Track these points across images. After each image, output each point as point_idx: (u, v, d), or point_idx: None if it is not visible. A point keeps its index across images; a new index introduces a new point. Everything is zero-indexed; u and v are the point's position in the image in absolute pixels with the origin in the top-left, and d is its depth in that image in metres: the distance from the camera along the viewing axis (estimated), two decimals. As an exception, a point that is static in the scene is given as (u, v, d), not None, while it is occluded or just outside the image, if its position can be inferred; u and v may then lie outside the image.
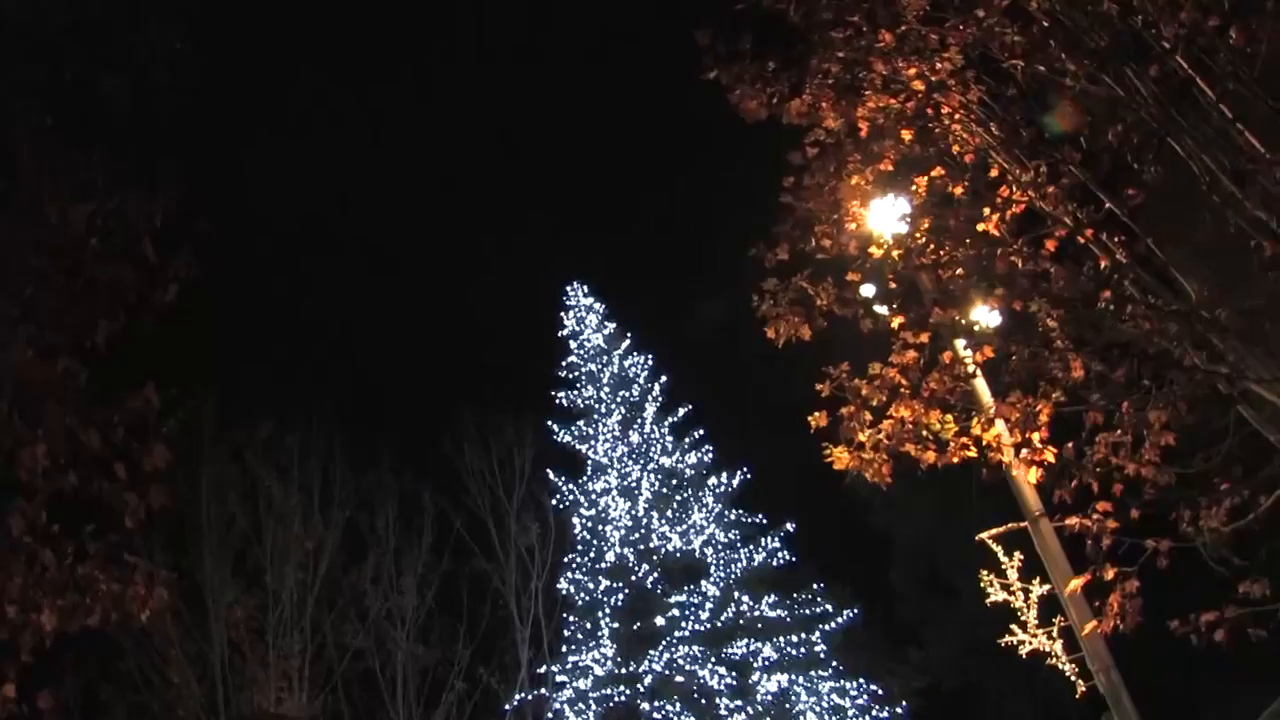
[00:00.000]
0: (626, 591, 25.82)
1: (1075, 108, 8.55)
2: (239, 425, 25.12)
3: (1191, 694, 23.02)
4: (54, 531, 7.97)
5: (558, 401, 29.01)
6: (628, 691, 24.73)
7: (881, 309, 9.69)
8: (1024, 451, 9.33)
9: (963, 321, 9.24)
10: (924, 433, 9.57)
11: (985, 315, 9.29)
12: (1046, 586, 14.35)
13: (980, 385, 11.30)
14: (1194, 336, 8.26)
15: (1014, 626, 14.65)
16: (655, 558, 25.90)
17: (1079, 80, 8.27)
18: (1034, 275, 8.68)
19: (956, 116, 8.94)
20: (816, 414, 9.73)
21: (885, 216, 9.73)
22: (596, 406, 28.75)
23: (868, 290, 9.71)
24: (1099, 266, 8.50)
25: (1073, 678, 13.83)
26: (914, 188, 9.49)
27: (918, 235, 9.27)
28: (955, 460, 9.67)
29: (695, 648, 24.39)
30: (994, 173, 9.13)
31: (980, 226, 8.88)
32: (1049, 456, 9.19)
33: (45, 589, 7.86)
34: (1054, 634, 14.10)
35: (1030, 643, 14.41)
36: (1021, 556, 15.02)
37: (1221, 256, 8.46)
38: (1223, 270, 8.51)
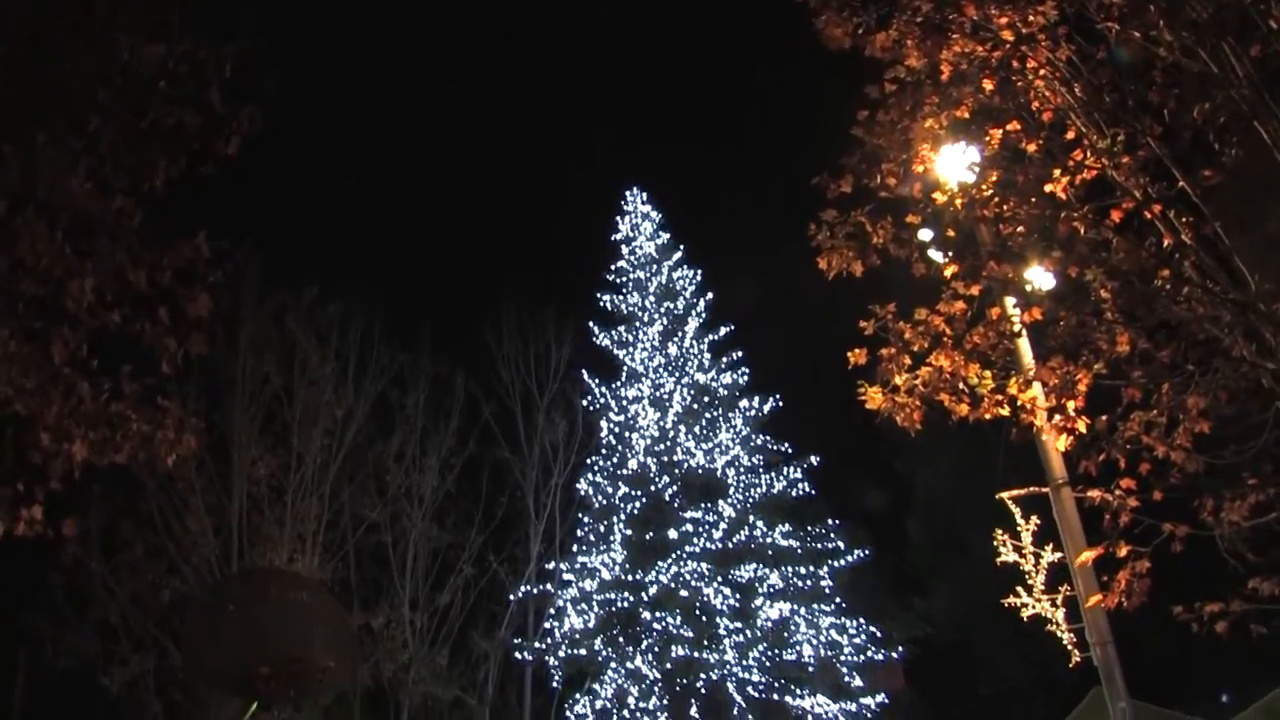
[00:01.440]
0: (644, 500, 26.05)
1: (1165, 79, 8.33)
2: (283, 287, 25.35)
3: (1182, 680, 23.10)
4: (93, 367, 8.12)
5: (602, 304, 29.10)
6: (631, 598, 25.08)
7: (937, 255, 9.58)
8: (1057, 417, 9.24)
9: (1016, 280, 9.13)
10: (960, 385, 9.50)
11: (1039, 277, 9.17)
12: (1058, 555, 14.35)
13: (1023, 345, 11.20)
14: (1246, 327, 8.13)
15: (1020, 589, 14.69)
16: (677, 471, 26.07)
17: (1173, 51, 8.05)
18: (1094, 243, 8.54)
19: (1041, 73, 8.74)
20: (856, 351, 9.67)
21: (954, 163, 9.57)
22: (639, 314, 28.78)
23: (925, 235, 9.60)
24: (1162, 244, 8.35)
25: (1070, 647, 13.89)
26: (987, 139, 9.32)
27: (984, 187, 9.13)
28: (987, 417, 9.61)
29: (703, 565, 24.62)
30: (1070, 135, 8.93)
31: (1048, 187, 8.72)
32: (1081, 426, 9.11)
33: (79, 420, 8.02)
34: (1058, 602, 14.14)
35: (1033, 607, 14.45)
36: (1038, 521, 15.01)
37: (1289, 251, 8.29)
38: (1288, 265, 8.34)
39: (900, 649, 25.83)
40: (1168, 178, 8.38)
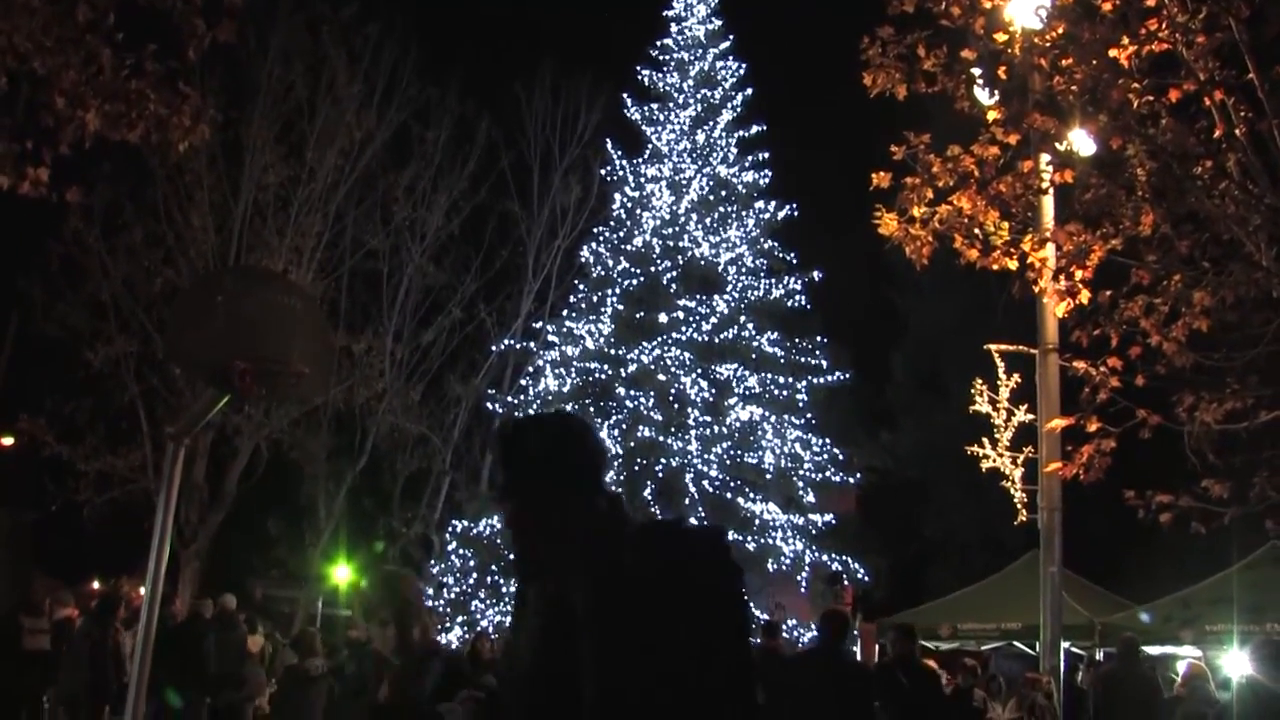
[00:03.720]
0: (641, 280, 26.17)
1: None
2: (323, -1, 24.73)
3: (1114, 563, 23.78)
4: (117, 38, 7.96)
5: (640, 78, 28.50)
6: (610, 372, 25.46)
7: (983, 95, 9.35)
8: (1063, 281, 9.22)
9: (1056, 136, 8.94)
10: (976, 230, 9.41)
11: (1080, 140, 8.98)
12: (1030, 416, 14.60)
13: (1047, 204, 11.08)
14: (1273, 234, 8.02)
15: (985, 441, 15.00)
16: (679, 258, 26.10)
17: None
18: (1143, 118, 8.33)
19: (1134, -72, 8.34)
20: (881, 174, 9.53)
21: (1023, 7, 9.24)
22: (675, 96, 28.28)
23: (976, 71, 9.35)
24: (1212, 133, 8.15)
25: (1019, 506, 14.28)
26: (1063, -13, 8.97)
27: (1048, 35, 8.83)
28: (995, 267, 9.56)
29: (686, 354, 24.91)
30: (1150, 1, 8.60)
31: (1112, 52, 8.43)
32: (1083, 297, 9.10)
33: (96, 90, 7.92)
34: (1018, 461, 14.46)
35: (994, 460, 14.79)
36: (1019, 380, 15.21)
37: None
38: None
39: (858, 475, 26.45)
40: (1238, 65, 8.10)
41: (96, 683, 12.90)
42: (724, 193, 27.55)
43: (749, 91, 28.44)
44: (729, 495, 24.04)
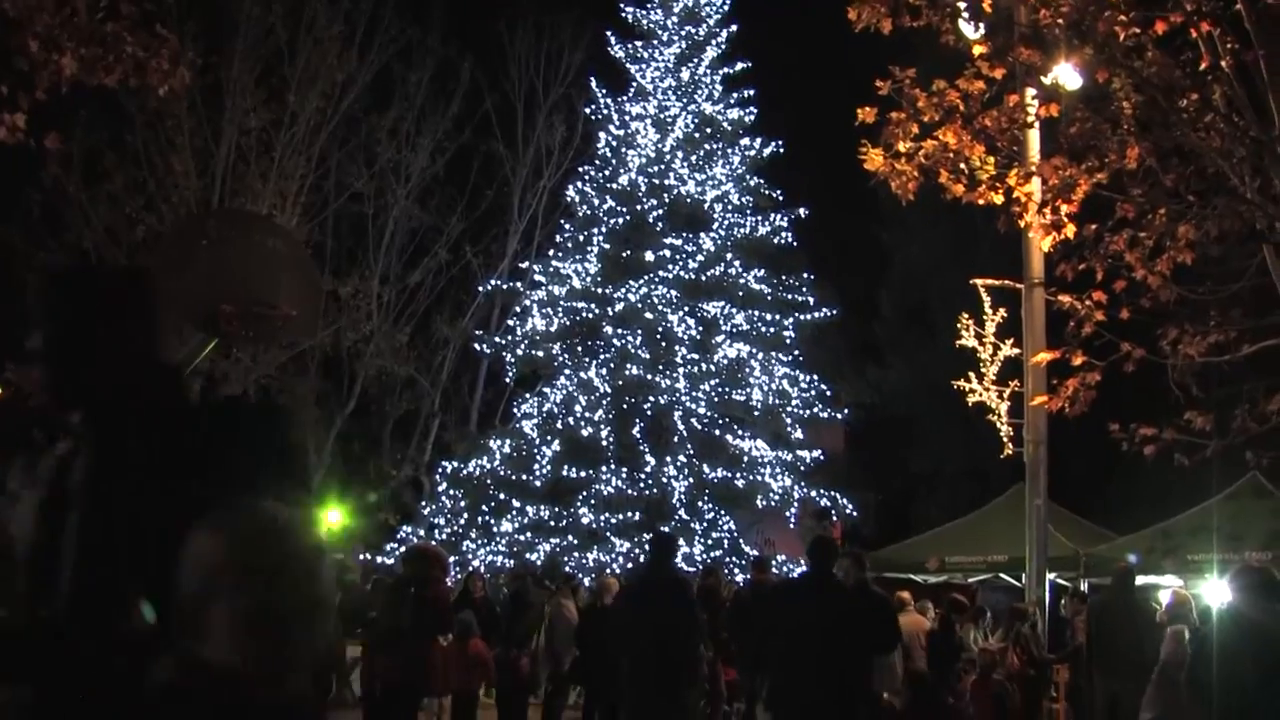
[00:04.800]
0: (627, 218, 26.08)
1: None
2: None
3: (1097, 496, 23.98)
4: (89, -21, 7.85)
5: (623, 14, 28.19)
6: (596, 311, 25.46)
7: (968, 29, 9.30)
8: (1048, 216, 9.22)
9: (1042, 70, 8.91)
10: (961, 164, 9.39)
11: (1065, 74, 8.94)
12: (1016, 350, 14.64)
13: (1033, 138, 11.05)
14: (1257, 167, 8.03)
15: (971, 375, 15.05)
16: (665, 196, 25.99)
17: None
18: (1129, 50, 8.29)
19: None
20: (867, 109, 9.48)
21: (1009, -63, 9.16)
22: (659, 33, 28.01)
23: (962, 5, 9.28)
24: (1198, 66, 8.13)
25: (1005, 440, 14.37)
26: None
27: (1034, -33, 8.77)
28: (980, 202, 9.56)
29: (673, 292, 24.91)
30: (1136, -68, 8.52)
31: (1100, -17, 8.38)
32: (1069, 231, 9.10)
33: (71, 33, 7.82)
34: (1004, 395, 14.53)
35: (980, 395, 14.85)
36: (1005, 314, 15.23)
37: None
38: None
39: (846, 411, 26.58)
40: (1227, -1, 8.06)
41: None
42: (709, 130, 27.39)
43: (733, 28, 28.18)
44: (717, 432, 24.15)
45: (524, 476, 23.83)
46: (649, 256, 25.21)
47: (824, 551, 8.15)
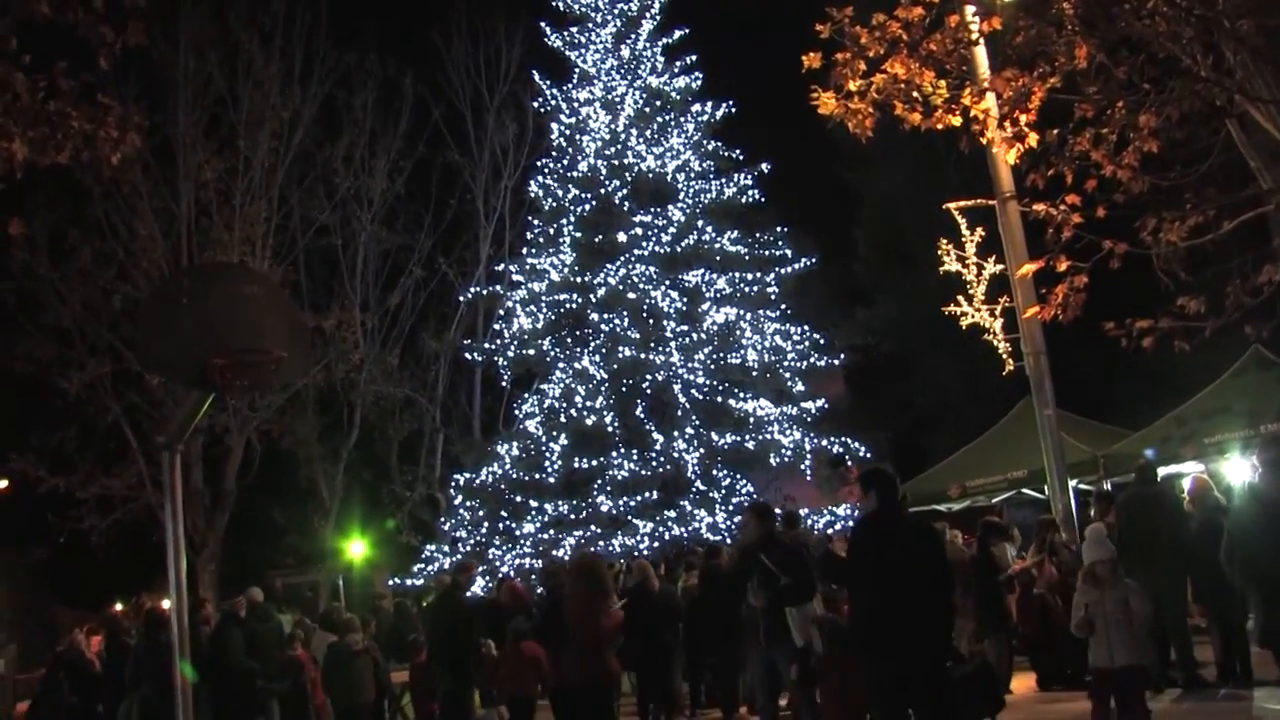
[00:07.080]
0: (593, 203, 26.02)
1: None
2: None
3: (1105, 396, 24.07)
4: (25, 61, 7.79)
5: (554, 3, 28.07)
6: (580, 300, 25.44)
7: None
8: (1008, 129, 9.23)
9: (978, -15, 8.92)
10: (914, 93, 9.38)
11: (1003, -15, 8.95)
12: (1000, 266, 14.69)
13: (980, 54, 11.07)
14: (1207, 44, 8.04)
15: (960, 299, 15.08)
16: (627, 175, 25.93)
17: None
18: (1063, -53, 8.29)
19: None
20: (811, 55, 9.47)
21: None
22: (592, 15, 27.88)
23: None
24: (1133, -49, 8.13)
25: (1004, 356, 14.44)
26: None
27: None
28: (939, 127, 9.55)
29: (651, 268, 24.87)
30: None
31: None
32: (1032, 140, 9.11)
33: (16, 117, 7.79)
34: (996, 312, 14.58)
35: (972, 316, 14.89)
36: (983, 233, 15.27)
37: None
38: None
39: (842, 355, 26.58)
40: None
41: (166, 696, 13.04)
42: (659, 102, 27.29)
43: (665, -3, 28.08)
44: (719, 399, 24.16)
45: (537, 475, 23.83)
46: (621, 237, 25.16)
47: (884, 480, 7.30)
